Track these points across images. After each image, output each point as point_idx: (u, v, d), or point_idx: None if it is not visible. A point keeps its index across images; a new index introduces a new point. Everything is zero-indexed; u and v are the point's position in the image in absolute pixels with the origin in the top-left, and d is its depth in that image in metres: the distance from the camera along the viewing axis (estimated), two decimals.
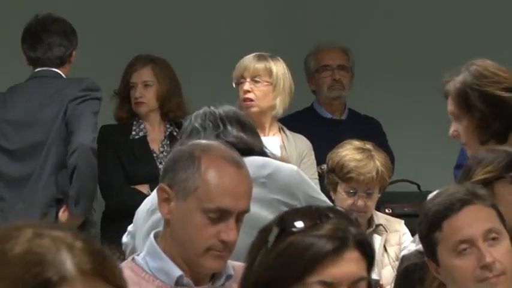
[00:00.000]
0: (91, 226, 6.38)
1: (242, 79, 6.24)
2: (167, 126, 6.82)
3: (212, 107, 4.33)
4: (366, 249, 2.76)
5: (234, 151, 3.57)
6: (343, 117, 7.04)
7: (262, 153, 4.33)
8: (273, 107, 6.25)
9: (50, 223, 1.96)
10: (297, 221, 2.74)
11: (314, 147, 6.21)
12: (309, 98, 7.16)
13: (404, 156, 7.17)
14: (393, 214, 6.61)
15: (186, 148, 3.58)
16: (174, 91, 6.75)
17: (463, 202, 3.58)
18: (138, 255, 3.48)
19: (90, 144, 6.33)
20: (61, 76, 6.64)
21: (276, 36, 7.61)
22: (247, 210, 3.41)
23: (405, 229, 5.99)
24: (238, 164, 3.45)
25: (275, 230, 2.73)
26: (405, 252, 4.11)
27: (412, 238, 4.39)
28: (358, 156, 5.26)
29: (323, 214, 2.78)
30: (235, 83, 6.32)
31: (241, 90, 6.27)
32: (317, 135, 6.51)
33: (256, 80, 6.23)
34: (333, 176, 5.33)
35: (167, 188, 3.43)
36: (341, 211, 2.85)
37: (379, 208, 6.28)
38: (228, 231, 3.34)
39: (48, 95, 6.52)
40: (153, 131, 6.79)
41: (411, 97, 7.92)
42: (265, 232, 2.77)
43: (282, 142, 6.25)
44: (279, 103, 6.25)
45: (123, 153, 6.69)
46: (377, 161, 5.24)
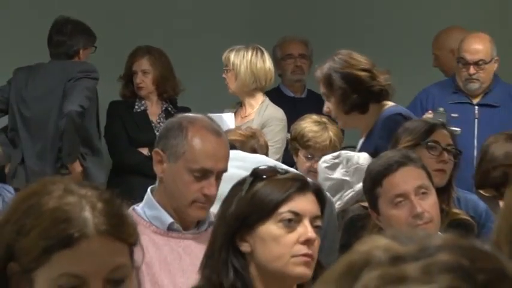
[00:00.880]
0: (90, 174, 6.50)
1: (224, 67, 6.31)
2: (163, 103, 6.87)
3: None
4: (321, 197, 2.84)
5: (215, 123, 3.62)
6: (303, 95, 7.06)
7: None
8: (240, 88, 6.31)
9: (79, 181, 1.95)
10: (267, 172, 2.82)
11: None
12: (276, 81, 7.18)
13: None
14: None
15: (176, 119, 3.61)
16: (168, 76, 6.81)
17: (399, 164, 3.62)
18: (138, 205, 3.50)
19: (76, 110, 6.41)
20: (66, 63, 6.74)
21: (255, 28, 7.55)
22: (225, 170, 3.44)
23: None
24: (218, 133, 3.49)
25: (249, 179, 2.80)
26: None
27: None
28: (315, 128, 5.25)
29: (284, 169, 2.88)
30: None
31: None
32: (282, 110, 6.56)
33: (227, 69, 6.32)
34: (295, 144, 5.33)
35: (161, 152, 3.46)
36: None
37: None
38: (210, 187, 3.38)
39: (54, 77, 6.64)
40: (152, 107, 6.83)
41: None
42: (239, 184, 2.83)
43: (258, 114, 6.30)
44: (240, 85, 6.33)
45: (127, 123, 6.77)
46: (330, 132, 5.23)
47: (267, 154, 4.88)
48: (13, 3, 7.43)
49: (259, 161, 4.10)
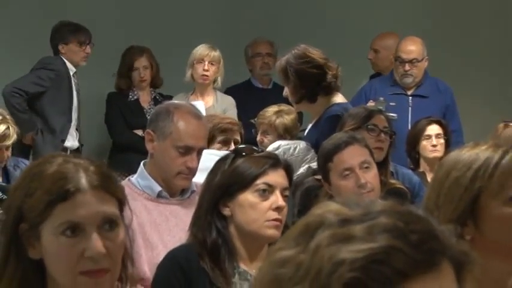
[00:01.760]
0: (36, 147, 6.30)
1: (201, 61, 6.28)
2: (152, 92, 6.82)
3: None
4: (290, 172, 2.86)
5: (196, 108, 3.63)
6: (269, 87, 7.03)
7: None
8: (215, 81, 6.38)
9: (76, 155, 1.95)
10: (246, 150, 2.84)
11: (249, 106, 6.22)
12: (246, 75, 7.17)
13: None
14: None
15: (164, 106, 3.64)
16: (157, 70, 6.79)
17: (347, 143, 3.64)
18: (132, 177, 3.50)
19: (9, 91, 6.17)
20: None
21: (231, 32, 7.52)
22: (204, 147, 3.48)
23: None
24: (199, 117, 3.51)
25: (231, 155, 2.83)
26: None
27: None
28: (273, 117, 5.26)
29: (259, 148, 2.92)
30: (194, 62, 6.33)
31: (199, 68, 6.32)
32: (252, 98, 6.56)
33: (212, 64, 6.30)
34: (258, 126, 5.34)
35: (151, 132, 3.46)
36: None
37: None
38: (192, 161, 3.40)
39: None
40: (143, 96, 6.75)
41: None
42: (223, 159, 2.85)
43: (215, 102, 6.38)
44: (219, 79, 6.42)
45: (124, 110, 6.70)
46: (284, 119, 5.23)
47: None
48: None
49: None
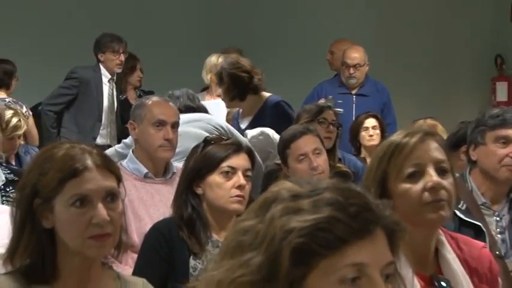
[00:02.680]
0: None
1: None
2: (136, 90, 6.63)
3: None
4: (252, 156, 2.86)
5: (164, 96, 3.71)
6: None
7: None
8: None
9: (81, 142, 1.96)
10: (214, 139, 2.84)
11: None
12: None
13: None
14: None
15: (140, 100, 3.73)
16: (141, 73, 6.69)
17: (302, 133, 3.64)
18: (123, 161, 3.48)
19: (44, 103, 6.00)
20: None
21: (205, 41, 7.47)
22: (177, 122, 3.49)
23: None
24: (166, 100, 3.60)
25: (202, 144, 2.82)
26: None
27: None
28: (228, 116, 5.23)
29: (227, 137, 2.92)
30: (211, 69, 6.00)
31: None
32: None
33: None
34: None
35: (133, 122, 3.50)
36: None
37: None
38: (168, 133, 3.42)
39: None
40: (130, 94, 6.58)
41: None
42: (196, 147, 2.85)
43: None
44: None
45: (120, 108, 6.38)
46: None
47: None
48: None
49: (216, 122, 4.14)
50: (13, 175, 3.19)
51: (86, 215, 1.79)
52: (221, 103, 5.14)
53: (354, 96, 6.14)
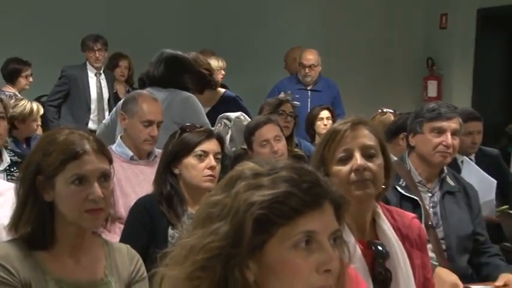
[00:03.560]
0: None
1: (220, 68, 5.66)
2: (126, 86, 6.54)
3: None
4: (221, 141, 2.84)
5: (153, 94, 3.56)
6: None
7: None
8: None
9: (79, 128, 1.93)
10: (189, 127, 2.82)
11: None
12: None
13: None
14: None
15: (131, 94, 3.61)
16: (132, 71, 6.53)
17: (264, 122, 3.63)
18: (112, 146, 3.44)
19: (46, 100, 6.03)
20: None
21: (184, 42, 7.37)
22: (161, 121, 3.40)
23: None
24: (156, 99, 3.45)
25: (179, 131, 2.81)
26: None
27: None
28: None
29: (200, 125, 2.90)
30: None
31: (219, 75, 5.59)
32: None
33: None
34: None
35: (123, 113, 3.43)
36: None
37: None
38: (153, 131, 3.35)
39: None
40: (120, 89, 6.50)
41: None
42: (173, 134, 2.82)
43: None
44: None
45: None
46: None
47: None
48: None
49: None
50: (17, 157, 3.17)
51: (84, 192, 1.78)
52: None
53: (309, 91, 6.16)
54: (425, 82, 7.87)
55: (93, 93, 6.16)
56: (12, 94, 5.64)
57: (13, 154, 3.19)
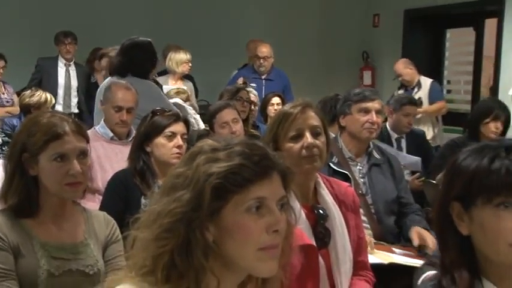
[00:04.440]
0: None
1: (187, 61, 5.67)
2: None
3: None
4: (187, 123, 2.81)
5: (126, 83, 3.43)
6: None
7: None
8: None
9: (60, 112, 1.91)
10: (159, 111, 2.78)
11: None
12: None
13: None
14: None
15: (109, 83, 3.51)
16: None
17: (224, 106, 3.63)
18: (96, 127, 3.38)
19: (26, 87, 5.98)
20: None
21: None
22: (132, 107, 3.30)
23: None
24: (128, 87, 3.35)
25: (151, 115, 2.78)
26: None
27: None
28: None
29: (170, 110, 2.86)
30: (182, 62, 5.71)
31: (186, 66, 5.69)
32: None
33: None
34: None
35: (102, 101, 3.37)
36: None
37: None
38: (122, 116, 3.27)
39: None
40: (100, 79, 6.21)
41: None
42: (145, 117, 2.80)
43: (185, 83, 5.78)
44: None
45: (88, 90, 6.24)
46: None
47: None
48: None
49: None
50: (7, 138, 3.10)
51: (64, 168, 1.77)
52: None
53: (264, 80, 6.13)
54: (361, 72, 7.94)
55: (60, 80, 6.27)
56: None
57: (3, 135, 3.13)
